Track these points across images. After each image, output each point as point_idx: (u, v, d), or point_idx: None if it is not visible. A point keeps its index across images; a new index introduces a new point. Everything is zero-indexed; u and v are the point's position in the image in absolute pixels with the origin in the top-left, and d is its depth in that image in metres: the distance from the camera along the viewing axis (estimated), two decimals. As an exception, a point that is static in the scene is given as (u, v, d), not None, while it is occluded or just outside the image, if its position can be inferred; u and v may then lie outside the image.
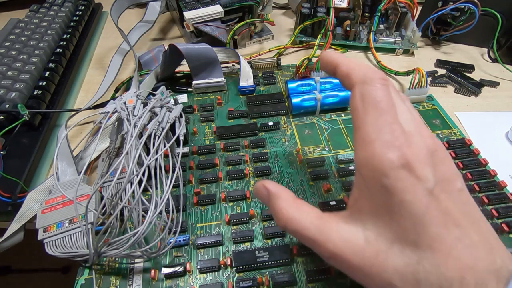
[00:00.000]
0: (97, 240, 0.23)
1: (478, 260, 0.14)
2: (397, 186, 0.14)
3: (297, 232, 0.17)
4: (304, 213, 0.18)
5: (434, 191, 0.15)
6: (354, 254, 0.15)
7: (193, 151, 0.32)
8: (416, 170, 0.14)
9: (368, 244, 0.15)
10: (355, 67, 0.18)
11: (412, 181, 0.14)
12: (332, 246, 0.16)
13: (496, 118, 0.37)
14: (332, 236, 0.16)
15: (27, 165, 0.31)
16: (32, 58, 0.39)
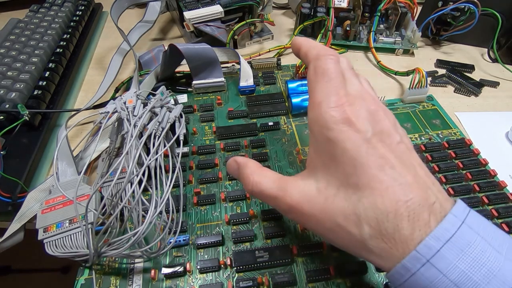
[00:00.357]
0: (97, 240, 0.23)
1: (411, 195, 0.16)
2: (339, 137, 0.17)
3: (261, 193, 0.20)
4: (267, 176, 0.20)
5: (372, 140, 0.17)
6: (307, 202, 0.18)
7: (193, 151, 0.32)
8: (356, 124, 0.17)
9: (319, 192, 0.18)
10: (311, 47, 0.21)
11: (352, 132, 0.17)
12: (289, 199, 0.18)
13: (496, 118, 0.37)
14: (290, 190, 0.19)
15: (27, 165, 0.31)
16: (32, 58, 0.39)
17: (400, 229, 0.15)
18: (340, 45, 0.45)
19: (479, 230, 0.15)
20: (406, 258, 0.15)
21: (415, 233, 0.15)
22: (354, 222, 0.16)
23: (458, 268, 0.14)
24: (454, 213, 0.15)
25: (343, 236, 0.17)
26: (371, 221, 0.16)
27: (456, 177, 0.30)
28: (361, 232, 0.16)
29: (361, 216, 0.16)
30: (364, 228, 0.16)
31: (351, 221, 0.16)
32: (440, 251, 0.14)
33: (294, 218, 0.20)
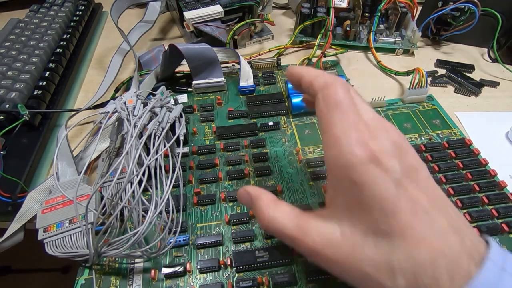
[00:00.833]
0: (97, 240, 0.23)
1: (448, 243, 0.14)
2: (366, 180, 0.15)
3: (277, 231, 0.18)
4: (284, 212, 0.18)
5: (401, 181, 0.15)
6: (331, 248, 0.16)
7: (193, 151, 0.32)
8: (382, 162, 0.15)
9: (344, 238, 0.16)
10: (317, 76, 0.19)
11: (380, 173, 0.15)
12: (311, 242, 0.17)
13: (496, 118, 0.37)
14: (310, 232, 0.17)
15: (27, 165, 0.31)
16: (32, 58, 0.39)
17: (439, 281, 0.14)
18: (340, 45, 0.45)
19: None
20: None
21: (454, 284, 0.14)
22: (387, 274, 0.15)
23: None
24: (492, 259, 0.14)
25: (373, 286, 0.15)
26: (407, 273, 0.14)
27: (456, 177, 0.30)
28: (396, 285, 0.14)
29: (395, 268, 0.14)
30: (399, 280, 0.14)
31: (383, 272, 0.15)
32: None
33: (317, 262, 0.18)
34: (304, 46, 0.47)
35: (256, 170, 0.30)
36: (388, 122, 0.18)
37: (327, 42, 0.39)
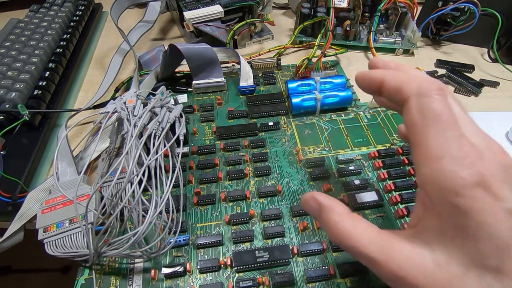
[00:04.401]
0: (97, 240, 0.23)
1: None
2: (474, 206, 0.13)
3: (354, 249, 0.16)
4: (362, 229, 0.16)
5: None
6: (423, 276, 0.14)
7: (193, 151, 0.32)
8: (493, 188, 0.13)
9: (439, 267, 0.14)
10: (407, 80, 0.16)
11: (490, 201, 0.13)
12: (397, 267, 0.15)
13: (496, 118, 0.37)
14: (396, 256, 0.15)
15: (27, 165, 0.31)
16: (32, 58, 0.39)
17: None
18: (340, 45, 0.45)
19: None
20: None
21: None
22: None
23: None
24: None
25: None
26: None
27: (456, 177, 0.29)
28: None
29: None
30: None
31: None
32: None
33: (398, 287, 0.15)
34: (304, 46, 0.47)
35: (256, 170, 0.30)
36: (493, 139, 0.16)
37: (327, 42, 0.39)
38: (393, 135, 0.34)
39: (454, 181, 0.13)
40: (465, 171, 0.13)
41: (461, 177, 0.13)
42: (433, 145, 0.14)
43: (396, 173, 0.30)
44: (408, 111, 0.16)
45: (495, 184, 0.13)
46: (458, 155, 0.14)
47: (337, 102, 0.36)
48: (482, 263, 0.13)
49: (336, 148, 0.33)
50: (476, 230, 0.13)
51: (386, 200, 0.29)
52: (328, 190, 0.29)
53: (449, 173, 0.14)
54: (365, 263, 0.16)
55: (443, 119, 0.15)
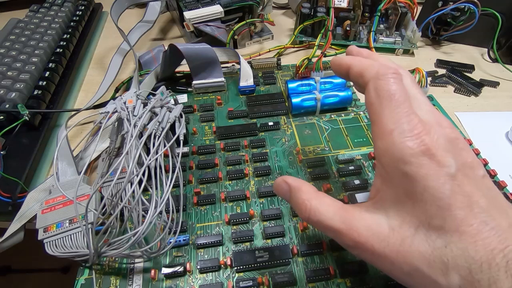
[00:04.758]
0: (97, 240, 0.23)
1: (507, 242, 0.14)
2: (419, 173, 0.15)
3: (320, 222, 0.18)
4: (327, 204, 0.18)
5: (456, 176, 0.15)
6: (379, 241, 0.16)
7: (193, 151, 0.32)
8: (436, 156, 0.15)
9: (393, 231, 0.15)
10: (369, 65, 0.18)
11: (434, 167, 0.15)
12: (357, 235, 0.16)
13: (496, 118, 0.37)
14: (356, 225, 0.16)
15: (27, 165, 0.31)
16: (32, 58, 0.39)
17: (496, 281, 0.13)
18: (340, 45, 0.45)
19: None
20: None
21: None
22: (441, 270, 0.14)
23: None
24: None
25: (424, 284, 0.15)
26: (462, 271, 0.14)
27: (456, 177, 0.29)
28: (450, 282, 0.14)
29: (449, 264, 0.14)
30: (453, 278, 0.14)
31: (436, 268, 0.14)
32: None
33: (360, 255, 0.17)
34: (304, 46, 0.47)
35: (256, 170, 0.30)
36: (443, 117, 0.18)
37: (327, 42, 0.39)
38: (393, 135, 0.34)
39: (403, 151, 0.15)
40: (412, 141, 0.15)
41: (408, 147, 0.15)
42: (386, 121, 0.16)
43: (396, 173, 0.30)
44: (367, 93, 0.18)
45: (438, 152, 0.15)
46: (407, 128, 0.15)
47: (337, 102, 0.36)
48: (428, 223, 0.15)
49: (336, 148, 0.33)
50: (423, 194, 0.15)
51: (386, 200, 0.29)
52: (328, 190, 0.29)
53: (399, 144, 0.15)
54: (330, 235, 0.18)
55: (395, 98, 0.16)
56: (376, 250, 0.16)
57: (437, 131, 0.16)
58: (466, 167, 0.15)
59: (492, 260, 0.14)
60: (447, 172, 0.15)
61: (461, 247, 0.14)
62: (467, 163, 0.16)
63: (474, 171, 0.16)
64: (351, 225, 0.16)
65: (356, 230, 0.16)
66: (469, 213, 0.14)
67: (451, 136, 0.16)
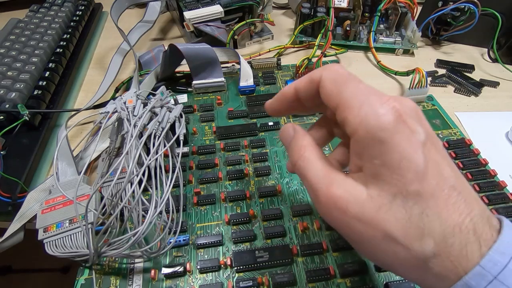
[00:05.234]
0: (97, 240, 0.23)
1: (472, 206, 0.15)
2: (396, 138, 0.15)
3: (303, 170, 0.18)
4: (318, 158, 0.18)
5: (426, 143, 0.15)
6: (354, 203, 0.16)
7: (193, 151, 0.32)
8: (407, 122, 0.15)
9: (371, 198, 0.15)
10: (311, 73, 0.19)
11: (409, 133, 0.15)
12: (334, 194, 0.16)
13: (496, 118, 0.37)
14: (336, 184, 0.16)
15: (27, 165, 0.31)
16: (32, 58, 0.39)
17: (467, 244, 0.14)
18: (340, 45, 0.45)
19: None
20: (469, 275, 0.14)
21: (481, 249, 0.14)
22: (417, 236, 0.14)
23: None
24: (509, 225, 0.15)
25: (396, 251, 0.15)
26: (436, 236, 0.14)
27: (456, 177, 0.30)
28: (424, 248, 0.14)
29: (425, 229, 0.14)
30: (428, 243, 0.14)
31: (411, 234, 0.14)
32: (508, 266, 0.13)
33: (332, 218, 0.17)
34: (304, 46, 0.47)
35: (256, 170, 0.30)
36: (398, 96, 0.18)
37: (327, 42, 0.39)
38: (393, 135, 0.34)
39: (378, 118, 0.15)
40: (384, 109, 0.15)
41: (382, 114, 0.15)
42: (352, 99, 0.16)
43: (396, 173, 0.30)
44: (322, 88, 0.18)
45: (409, 120, 0.15)
46: (376, 98, 0.16)
47: (337, 102, 0.36)
48: (406, 190, 0.15)
49: (336, 148, 0.33)
50: (400, 161, 0.15)
51: (386, 200, 0.29)
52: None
53: (372, 113, 0.15)
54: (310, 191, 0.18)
55: (352, 77, 0.17)
56: (350, 211, 0.16)
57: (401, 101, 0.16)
58: (431, 136, 0.16)
59: (462, 223, 0.14)
60: (418, 139, 0.15)
61: (436, 212, 0.14)
62: (430, 133, 0.16)
63: (437, 140, 0.16)
64: (332, 183, 0.17)
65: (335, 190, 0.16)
66: (441, 179, 0.15)
67: (412, 107, 0.16)
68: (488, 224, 0.15)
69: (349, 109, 0.16)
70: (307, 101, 0.20)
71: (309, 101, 0.20)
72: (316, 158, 0.18)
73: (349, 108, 0.16)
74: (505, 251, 0.14)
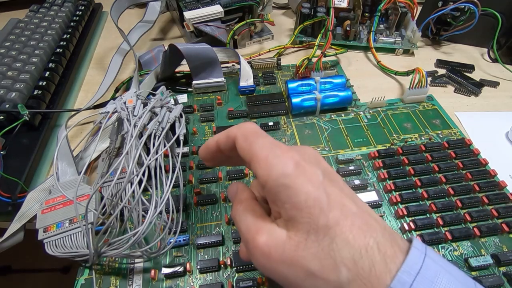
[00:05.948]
0: (97, 240, 0.23)
1: (374, 229, 0.16)
2: (298, 182, 0.17)
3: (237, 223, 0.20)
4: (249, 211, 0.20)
5: (325, 181, 0.17)
6: (276, 246, 0.17)
7: (193, 151, 0.32)
8: (307, 168, 0.17)
9: (289, 240, 0.17)
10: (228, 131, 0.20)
11: (308, 175, 0.17)
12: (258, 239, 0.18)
13: (496, 118, 0.37)
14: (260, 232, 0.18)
15: (27, 165, 0.31)
16: (32, 58, 0.39)
17: (374, 263, 0.15)
18: (340, 45, 0.45)
19: (439, 262, 0.16)
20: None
21: (387, 267, 0.15)
22: (331, 266, 0.16)
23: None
24: (416, 246, 0.16)
25: (319, 285, 0.16)
26: (347, 262, 0.15)
27: (456, 177, 0.30)
28: (339, 277, 0.16)
29: (336, 258, 0.16)
30: (342, 271, 0.16)
31: (327, 266, 0.16)
32: (412, 285, 0.15)
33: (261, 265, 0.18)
34: (304, 46, 0.47)
35: (255, 170, 0.30)
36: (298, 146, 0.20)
37: (327, 42, 0.39)
38: (393, 135, 0.34)
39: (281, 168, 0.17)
40: (285, 159, 0.17)
41: (283, 163, 0.17)
42: (260, 151, 0.18)
43: (396, 173, 0.30)
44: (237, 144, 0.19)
45: (308, 165, 0.17)
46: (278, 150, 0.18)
47: (337, 102, 0.36)
48: (316, 225, 0.16)
49: (336, 148, 0.33)
50: (305, 201, 0.16)
51: (386, 200, 0.29)
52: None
53: (276, 164, 0.17)
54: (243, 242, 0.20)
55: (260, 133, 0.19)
56: (273, 255, 0.17)
57: (299, 149, 0.19)
58: (328, 173, 0.18)
59: (367, 244, 0.16)
60: (317, 179, 0.17)
61: (343, 239, 0.16)
62: (327, 171, 0.18)
63: (335, 176, 0.19)
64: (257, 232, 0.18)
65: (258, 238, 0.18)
66: (343, 209, 0.17)
67: (311, 153, 0.19)
68: (390, 241, 0.16)
69: (257, 162, 0.18)
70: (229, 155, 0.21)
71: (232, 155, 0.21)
72: (248, 211, 0.20)
73: (257, 161, 0.18)
74: (411, 270, 0.15)
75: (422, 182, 0.29)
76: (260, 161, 0.18)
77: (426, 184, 0.29)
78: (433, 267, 0.15)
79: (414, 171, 0.30)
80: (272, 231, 0.18)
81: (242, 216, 0.20)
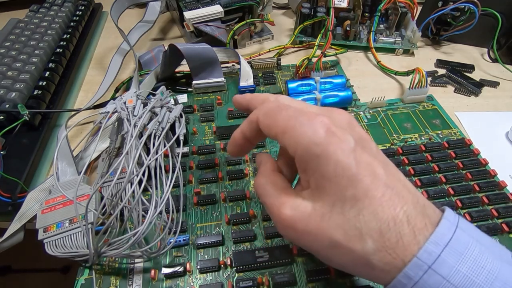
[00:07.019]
0: (97, 240, 0.23)
1: (405, 200, 0.16)
2: (329, 150, 0.16)
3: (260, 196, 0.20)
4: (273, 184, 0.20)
5: (357, 149, 0.17)
6: (301, 219, 0.17)
7: (193, 151, 0.32)
8: (338, 134, 0.17)
9: (314, 210, 0.17)
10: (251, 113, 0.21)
11: (339, 142, 0.16)
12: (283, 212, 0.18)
13: (496, 118, 0.37)
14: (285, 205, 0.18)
15: (27, 165, 0.31)
16: (32, 58, 0.39)
17: (402, 236, 0.15)
18: (340, 45, 0.45)
19: (472, 233, 0.15)
20: (408, 266, 0.14)
21: (415, 238, 0.15)
22: (356, 236, 0.16)
23: (460, 272, 0.14)
24: (447, 217, 0.16)
25: (343, 254, 0.16)
26: (374, 233, 0.15)
27: (456, 177, 0.30)
28: (364, 247, 0.15)
29: (362, 229, 0.15)
30: (368, 242, 0.15)
31: (352, 236, 0.16)
32: (441, 256, 0.14)
33: (287, 235, 0.19)
34: (304, 46, 0.47)
35: (256, 170, 0.30)
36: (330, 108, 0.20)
37: (327, 42, 0.39)
38: (393, 135, 0.34)
39: (311, 136, 0.17)
40: (315, 124, 0.17)
41: (314, 130, 0.17)
42: (285, 121, 0.18)
43: (396, 173, 0.30)
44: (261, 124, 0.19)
45: (339, 131, 0.17)
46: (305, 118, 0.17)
47: (337, 102, 0.36)
48: (343, 196, 0.16)
49: (336, 148, 0.33)
50: (334, 169, 0.16)
51: (386, 200, 0.29)
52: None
53: (305, 132, 0.17)
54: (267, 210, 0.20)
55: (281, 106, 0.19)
56: (299, 227, 0.17)
57: (330, 115, 0.18)
58: (362, 140, 0.18)
59: (396, 217, 0.15)
60: (348, 146, 0.16)
61: (371, 211, 0.15)
62: (362, 137, 0.18)
63: (369, 144, 0.18)
64: (283, 205, 0.18)
65: (283, 210, 0.18)
66: (374, 179, 0.16)
67: (343, 117, 0.18)
68: (422, 214, 0.16)
69: (285, 134, 0.18)
70: (256, 140, 0.22)
71: (258, 140, 0.22)
72: (270, 184, 0.20)
73: (284, 133, 0.18)
74: (439, 241, 0.15)
75: (422, 182, 0.29)
76: (287, 133, 0.17)
77: (426, 184, 0.29)
78: (463, 239, 0.15)
79: (414, 171, 0.30)
80: (297, 204, 0.18)
81: (264, 190, 0.20)
